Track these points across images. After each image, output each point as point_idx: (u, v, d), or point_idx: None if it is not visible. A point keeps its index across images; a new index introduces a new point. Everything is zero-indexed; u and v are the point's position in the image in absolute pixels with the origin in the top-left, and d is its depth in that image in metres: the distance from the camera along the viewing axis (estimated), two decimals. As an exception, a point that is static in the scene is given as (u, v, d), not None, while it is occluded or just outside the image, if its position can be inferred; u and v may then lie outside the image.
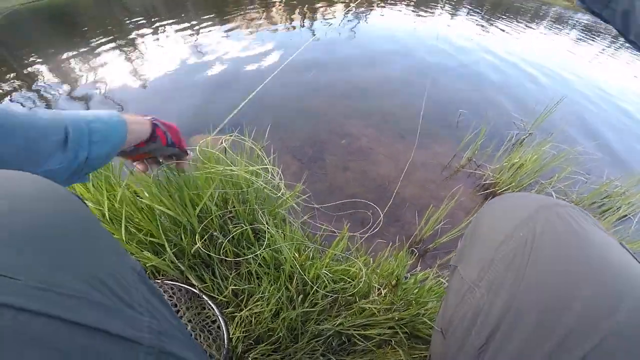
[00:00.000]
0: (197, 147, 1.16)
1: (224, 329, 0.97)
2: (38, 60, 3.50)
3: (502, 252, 0.51)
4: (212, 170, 1.01)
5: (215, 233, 1.01)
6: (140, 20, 4.80)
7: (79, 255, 0.33)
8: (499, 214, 0.59)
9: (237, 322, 0.97)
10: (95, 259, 0.34)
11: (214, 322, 1.00)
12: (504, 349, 0.45)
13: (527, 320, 0.44)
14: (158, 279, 1.05)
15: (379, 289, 1.04)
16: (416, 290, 1.02)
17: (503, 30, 4.79)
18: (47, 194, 0.36)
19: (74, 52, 3.61)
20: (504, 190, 1.80)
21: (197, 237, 0.96)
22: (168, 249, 0.96)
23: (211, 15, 4.82)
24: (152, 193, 0.96)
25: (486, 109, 2.58)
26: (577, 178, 2.00)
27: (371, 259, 1.16)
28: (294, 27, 4.24)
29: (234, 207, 1.08)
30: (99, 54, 3.55)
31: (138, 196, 1.01)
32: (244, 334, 0.95)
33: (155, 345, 0.34)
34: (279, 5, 5.31)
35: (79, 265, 0.32)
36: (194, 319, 0.97)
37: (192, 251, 1.00)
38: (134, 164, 0.79)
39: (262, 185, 1.04)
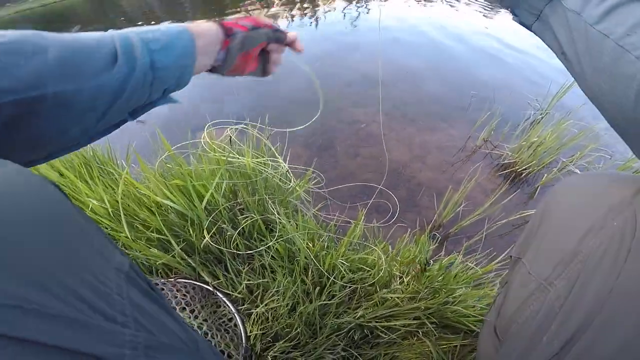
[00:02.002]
0: (202, 139, 1.11)
1: (240, 326, 0.93)
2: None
3: (588, 245, 0.42)
4: (217, 158, 0.96)
5: (223, 225, 0.96)
6: (139, 23, 4.77)
7: (31, 253, 0.26)
8: (579, 198, 0.49)
9: (254, 319, 0.92)
10: (58, 259, 0.27)
11: (230, 320, 0.96)
12: None
13: (622, 330, 0.36)
14: (171, 278, 1.01)
15: (400, 277, 0.98)
16: (441, 278, 0.95)
17: (508, 16, 4.64)
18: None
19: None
20: (524, 169, 1.72)
21: (204, 230, 0.91)
22: (175, 244, 0.92)
23: (211, 12, 4.77)
24: (156, 186, 0.91)
25: (498, 91, 2.48)
26: (600, 155, 1.90)
27: (390, 245, 1.09)
28: (293, 21, 4.17)
29: (243, 198, 1.03)
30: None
31: (141, 192, 0.96)
32: (262, 331, 0.90)
33: None
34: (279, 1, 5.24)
35: (30, 267, 0.25)
36: (209, 318, 0.93)
37: (201, 246, 0.95)
38: (253, 74, 0.69)
39: (270, 174, 0.99)
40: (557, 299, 0.42)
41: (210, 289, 0.99)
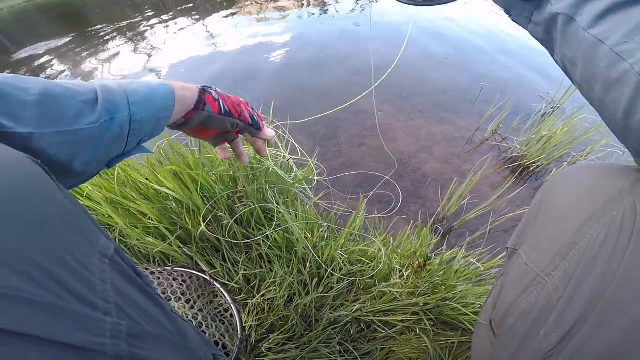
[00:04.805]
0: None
1: (236, 317, 0.92)
2: (46, 54, 3.51)
3: (587, 235, 0.40)
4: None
5: (220, 213, 0.94)
6: (149, 11, 4.75)
7: (4, 233, 0.23)
8: (578, 187, 0.47)
9: (250, 310, 0.91)
10: (35, 240, 0.25)
11: (226, 310, 0.94)
12: (583, 358, 0.36)
13: (621, 322, 0.34)
14: (168, 266, 1.00)
15: (400, 271, 0.96)
16: (442, 273, 0.93)
17: None
18: None
19: (83, 47, 3.61)
20: (532, 163, 1.67)
21: (200, 218, 0.90)
22: (168, 234, 0.90)
23: (221, 3, 4.72)
24: (151, 172, 0.90)
25: (509, 83, 2.42)
26: (612, 151, 1.84)
27: (391, 238, 1.07)
28: (302, 7, 4.11)
29: (243, 186, 1.01)
30: (107, 48, 3.56)
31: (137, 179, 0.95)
32: (257, 322, 0.89)
33: (122, 354, 0.26)
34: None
35: (3, 248, 0.23)
36: (205, 308, 0.92)
37: (198, 234, 0.94)
38: (215, 149, 0.72)
39: (270, 164, 0.97)
40: (555, 291, 0.41)
41: (208, 278, 0.98)
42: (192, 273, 0.99)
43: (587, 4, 0.38)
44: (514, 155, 1.77)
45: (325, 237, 1.00)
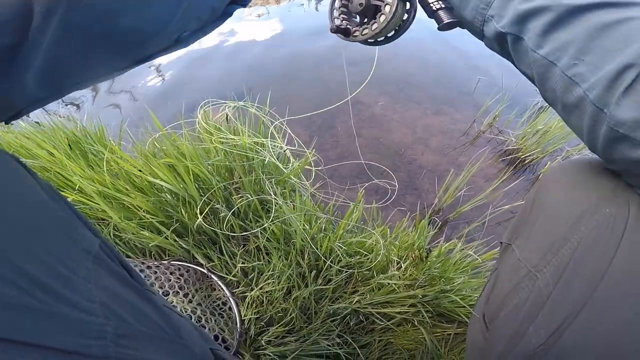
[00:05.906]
0: (199, 117, 1.08)
1: (235, 310, 0.91)
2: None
3: (579, 231, 0.40)
4: (210, 138, 0.93)
5: (217, 205, 0.93)
6: None
7: None
8: (572, 183, 0.46)
9: (249, 303, 0.90)
10: (10, 238, 0.24)
11: (224, 303, 0.94)
12: (571, 354, 0.36)
13: (612, 320, 0.34)
14: (165, 260, 0.99)
15: (398, 263, 0.96)
16: (439, 265, 0.93)
17: None
18: None
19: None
20: (528, 156, 1.68)
21: (197, 210, 0.89)
22: (163, 228, 0.89)
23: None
24: (145, 164, 0.89)
25: (506, 76, 2.41)
26: (607, 145, 1.85)
27: (388, 229, 1.07)
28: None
29: (240, 178, 1.00)
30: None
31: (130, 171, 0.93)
32: (256, 315, 0.88)
33: (109, 355, 0.26)
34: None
35: None
36: (203, 302, 0.91)
37: (194, 227, 0.93)
38: None
39: (267, 155, 0.96)
40: (546, 287, 0.40)
41: (205, 271, 0.97)
42: (189, 266, 0.98)
43: (529, 20, 0.37)
44: (509, 148, 1.78)
45: (323, 228, 1.00)
